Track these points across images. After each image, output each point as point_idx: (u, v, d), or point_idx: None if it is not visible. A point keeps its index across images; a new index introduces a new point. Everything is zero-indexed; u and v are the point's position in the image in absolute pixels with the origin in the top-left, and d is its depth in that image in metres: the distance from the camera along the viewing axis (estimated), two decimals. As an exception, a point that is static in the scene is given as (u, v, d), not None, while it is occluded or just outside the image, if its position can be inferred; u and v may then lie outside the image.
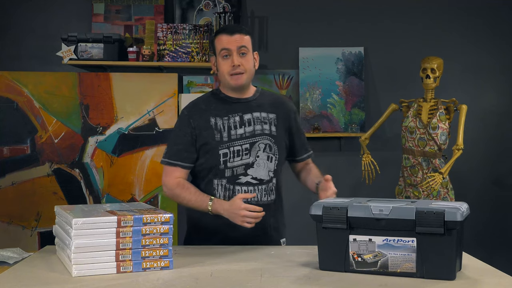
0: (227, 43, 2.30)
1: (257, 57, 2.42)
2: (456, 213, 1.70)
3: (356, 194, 4.20)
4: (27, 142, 4.19)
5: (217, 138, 2.32)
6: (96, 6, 4.34)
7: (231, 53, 2.30)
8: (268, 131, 2.36)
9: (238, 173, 2.32)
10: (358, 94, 4.40)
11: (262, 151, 2.34)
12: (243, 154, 2.32)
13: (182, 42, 4.25)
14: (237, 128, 2.34)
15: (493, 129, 4.49)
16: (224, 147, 2.32)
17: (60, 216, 1.99)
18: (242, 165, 2.32)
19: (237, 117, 2.35)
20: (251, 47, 2.35)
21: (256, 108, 2.38)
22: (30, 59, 4.33)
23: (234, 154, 2.32)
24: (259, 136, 2.35)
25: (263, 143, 2.35)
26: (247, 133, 2.34)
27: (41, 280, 1.76)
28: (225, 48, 2.30)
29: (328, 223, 1.83)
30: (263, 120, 2.37)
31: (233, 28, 2.35)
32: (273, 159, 2.36)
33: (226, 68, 2.32)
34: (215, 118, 2.34)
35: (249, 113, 2.36)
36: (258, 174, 2.33)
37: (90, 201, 4.19)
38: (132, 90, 4.24)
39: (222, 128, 2.33)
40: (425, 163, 3.81)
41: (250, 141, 2.34)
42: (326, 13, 4.44)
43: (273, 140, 2.37)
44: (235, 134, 2.33)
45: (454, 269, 1.74)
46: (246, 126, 2.35)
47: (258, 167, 2.33)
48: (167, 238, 1.86)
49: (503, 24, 4.48)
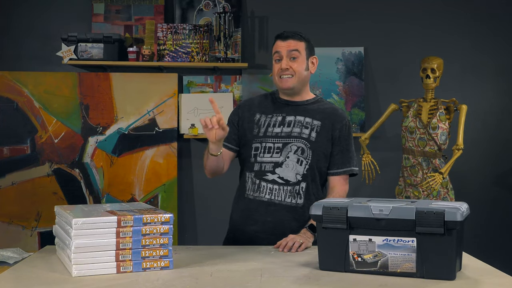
0: (279, 47, 2.40)
1: (315, 61, 2.48)
2: (456, 213, 1.70)
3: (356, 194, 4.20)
4: (27, 142, 4.20)
5: (255, 132, 2.42)
6: (96, 6, 4.34)
7: (281, 56, 2.39)
8: (306, 135, 2.39)
9: (266, 169, 2.37)
10: (358, 94, 4.41)
11: (293, 153, 2.37)
12: (274, 152, 2.37)
13: (182, 42, 4.25)
14: (275, 126, 2.40)
15: (493, 129, 4.49)
16: (257, 141, 2.40)
17: (60, 216, 1.99)
18: (271, 163, 2.37)
19: (280, 117, 2.42)
20: (304, 52, 2.42)
21: (302, 112, 2.43)
22: (30, 59, 4.33)
23: (265, 150, 2.38)
24: (295, 138, 2.38)
25: (296, 146, 2.38)
26: (283, 133, 2.39)
27: (41, 280, 1.76)
28: (277, 51, 2.41)
29: (328, 223, 1.83)
30: (304, 125, 2.40)
31: (287, 34, 2.43)
32: (304, 163, 2.37)
33: (276, 70, 2.42)
34: (260, 115, 2.45)
35: (292, 116, 2.42)
36: (285, 175, 2.37)
37: (90, 201, 4.20)
38: (132, 90, 4.25)
39: (263, 124, 2.42)
40: (425, 163, 3.81)
41: (284, 141, 2.38)
42: (326, 13, 4.44)
43: (308, 145, 2.38)
44: (271, 132, 2.40)
45: (454, 269, 1.74)
46: (285, 127, 2.40)
47: (287, 167, 2.37)
48: (167, 238, 1.86)
49: (503, 24, 4.48)
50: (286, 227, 2.35)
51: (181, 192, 4.35)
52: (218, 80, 4.37)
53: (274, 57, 2.43)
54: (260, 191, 2.38)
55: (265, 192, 2.38)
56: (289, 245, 2.17)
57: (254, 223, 2.39)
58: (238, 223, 2.46)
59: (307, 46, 2.44)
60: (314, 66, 2.48)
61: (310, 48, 2.46)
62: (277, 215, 2.37)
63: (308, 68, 2.44)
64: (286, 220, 2.37)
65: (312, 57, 2.46)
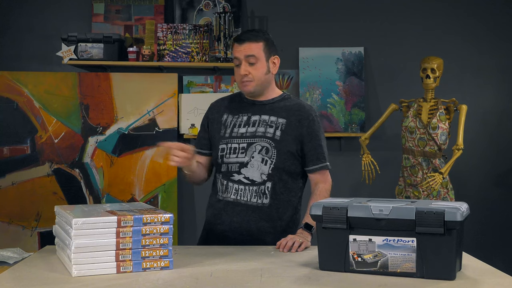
0: (237, 52, 2.36)
1: (277, 61, 2.42)
2: (456, 213, 1.70)
3: (356, 194, 4.20)
4: (27, 142, 4.20)
5: (221, 133, 2.42)
6: (96, 6, 4.34)
7: (240, 62, 2.36)
8: (271, 134, 2.36)
9: (232, 170, 2.37)
10: (358, 94, 4.40)
11: (257, 153, 2.35)
12: (239, 153, 2.37)
13: (182, 42, 4.25)
14: (240, 127, 2.40)
15: (493, 129, 4.49)
16: (223, 142, 2.40)
17: (60, 216, 1.99)
18: (236, 163, 2.36)
19: (245, 117, 2.41)
20: (262, 54, 2.35)
21: (267, 111, 2.41)
22: (30, 59, 4.33)
23: (230, 151, 2.38)
24: (259, 138, 2.36)
25: (260, 145, 2.36)
26: (248, 133, 2.38)
27: (41, 280, 1.76)
28: (235, 57, 2.37)
29: (328, 223, 1.83)
30: (269, 124, 2.38)
31: (243, 36, 2.36)
32: (268, 163, 2.35)
33: (237, 76, 2.40)
34: (227, 115, 2.45)
35: (257, 115, 2.40)
36: (250, 175, 2.35)
37: (90, 201, 4.19)
38: (132, 90, 4.25)
39: (229, 125, 2.42)
40: (425, 163, 3.81)
41: (248, 141, 2.37)
42: (326, 13, 4.44)
43: (273, 144, 2.35)
44: (236, 132, 2.39)
45: (454, 269, 1.74)
46: (250, 127, 2.38)
47: (252, 167, 2.35)
48: (167, 238, 1.86)
49: (503, 24, 4.48)
50: (253, 227, 2.35)
51: (181, 192, 4.35)
52: (218, 80, 4.37)
53: (234, 62, 2.38)
54: (228, 191, 2.38)
55: (231, 192, 2.37)
56: (289, 244, 2.17)
57: (221, 223, 2.40)
58: (209, 223, 2.47)
59: (265, 46, 2.36)
60: (276, 66, 2.42)
61: (270, 47, 2.38)
62: (243, 215, 2.36)
63: (269, 70, 2.39)
64: (253, 220, 2.35)
65: (273, 58, 2.40)
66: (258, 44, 2.35)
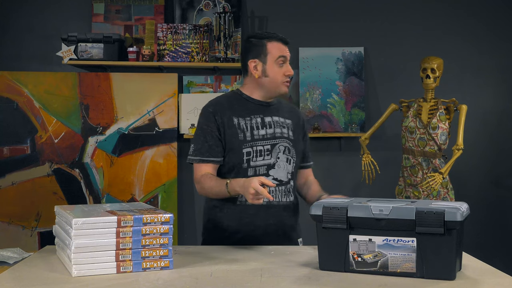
0: (285, 51, 2.38)
1: None
2: (456, 213, 1.70)
3: (356, 194, 4.20)
4: (27, 142, 4.20)
5: (241, 137, 2.35)
6: (96, 6, 4.34)
7: (286, 61, 2.38)
8: (287, 134, 2.42)
9: (260, 173, 2.35)
10: (358, 94, 4.40)
11: (282, 153, 2.39)
12: (265, 155, 2.37)
13: (182, 42, 4.25)
14: (259, 129, 2.39)
15: (493, 129, 4.49)
16: (247, 146, 2.35)
17: (60, 216, 1.99)
18: (264, 165, 2.36)
19: (258, 118, 2.40)
20: None
21: (275, 113, 2.44)
22: (30, 59, 4.33)
23: (257, 154, 2.36)
24: (279, 138, 2.40)
25: (283, 146, 2.40)
26: (268, 134, 2.39)
27: (41, 280, 1.76)
28: (283, 56, 2.38)
29: (328, 223, 1.83)
30: (281, 124, 2.43)
31: (286, 39, 2.43)
32: (292, 162, 2.42)
33: (281, 75, 2.37)
34: (237, 118, 2.38)
35: (269, 116, 2.42)
36: (278, 175, 2.38)
37: (90, 201, 4.20)
38: (132, 90, 4.25)
39: (245, 128, 2.37)
40: (425, 163, 3.81)
41: (271, 142, 2.39)
42: (326, 13, 4.45)
43: (291, 144, 2.42)
44: (257, 135, 2.38)
45: (454, 269, 1.74)
46: (268, 128, 2.40)
47: (279, 168, 2.38)
48: (167, 238, 1.86)
49: (503, 24, 4.48)
50: (287, 226, 2.41)
51: (181, 192, 4.35)
52: (218, 80, 4.37)
53: (277, 61, 2.36)
54: None
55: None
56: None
57: (256, 228, 2.35)
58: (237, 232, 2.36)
59: None
60: None
61: None
62: (278, 216, 2.38)
63: None
64: (286, 218, 2.41)
65: None
66: None
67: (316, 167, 2.65)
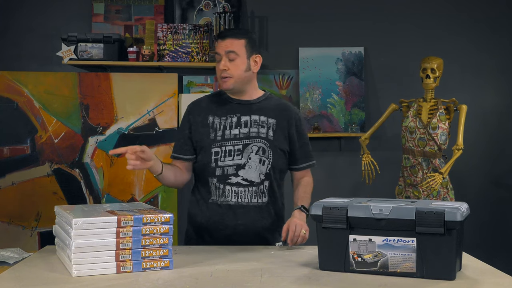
0: (218, 47, 2.36)
1: (258, 60, 2.41)
2: (456, 213, 1.70)
3: (356, 194, 4.20)
4: (27, 142, 4.19)
5: (211, 136, 2.37)
6: (96, 6, 4.34)
7: (221, 57, 2.34)
8: (264, 134, 2.37)
9: (228, 173, 2.35)
10: (358, 94, 4.40)
11: (254, 154, 2.35)
12: (235, 155, 2.35)
13: (182, 42, 4.25)
14: (232, 128, 2.37)
15: (493, 129, 4.49)
16: (216, 145, 2.36)
17: (60, 216, 1.99)
18: (233, 165, 2.34)
19: (234, 118, 2.38)
20: (244, 51, 2.34)
21: (256, 111, 2.40)
22: (30, 59, 4.33)
23: (225, 154, 2.35)
24: (254, 138, 2.36)
25: (257, 146, 2.36)
26: (241, 134, 2.36)
27: (41, 280, 1.76)
28: (216, 52, 2.36)
29: (328, 223, 1.83)
30: (261, 124, 2.38)
31: (226, 33, 2.38)
32: (266, 163, 2.36)
33: (217, 72, 2.38)
34: (213, 117, 2.39)
35: (247, 115, 2.38)
36: (249, 176, 2.35)
37: (90, 201, 4.19)
38: (132, 90, 4.24)
39: (218, 127, 2.37)
40: (425, 163, 3.81)
41: (243, 142, 2.36)
42: (326, 13, 4.44)
43: (268, 144, 2.37)
44: (229, 134, 2.36)
45: (454, 269, 1.74)
46: (242, 128, 2.37)
47: (250, 168, 2.35)
48: (167, 238, 1.86)
49: (503, 24, 4.48)
50: (258, 227, 2.38)
51: (181, 192, 4.35)
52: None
53: (216, 58, 2.37)
54: (226, 195, 2.36)
55: (231, 195, 2.35)
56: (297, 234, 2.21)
57: (224, 227, 2.37)
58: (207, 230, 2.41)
59: (247, 44, 2.35)
60: (257, 65, 2.40)
61: (252, 45, 2.38)
62: (247, 217, 2.36)
63: (249, 68, 2.37)
64: (257, 220, 2.38)
65: (254, 56, 2.38)
66: (240, 41, 2.34)
67: (316, 167, 2.64)
